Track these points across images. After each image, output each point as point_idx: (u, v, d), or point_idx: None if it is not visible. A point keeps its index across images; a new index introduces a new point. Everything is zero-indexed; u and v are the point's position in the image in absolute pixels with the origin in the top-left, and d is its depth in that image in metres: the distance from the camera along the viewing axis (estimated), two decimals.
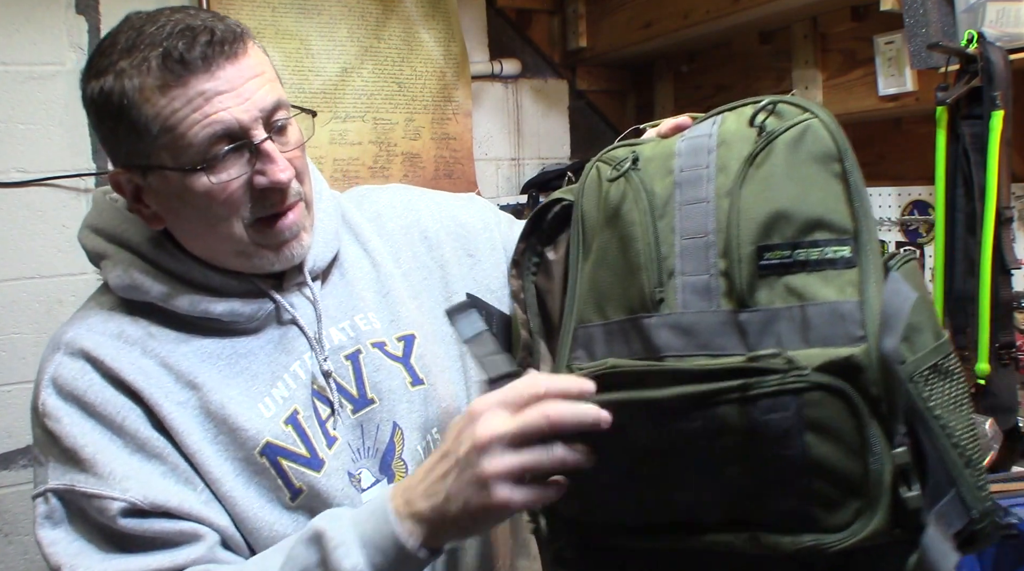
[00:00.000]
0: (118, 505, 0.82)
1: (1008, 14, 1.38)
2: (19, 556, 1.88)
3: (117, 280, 0.91)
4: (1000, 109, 1.34)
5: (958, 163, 1.43)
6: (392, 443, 0.98)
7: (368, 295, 1.02)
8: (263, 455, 0.89)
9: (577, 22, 2.37)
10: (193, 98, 0.81)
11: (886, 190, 1.96)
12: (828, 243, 0.70)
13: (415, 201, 1.12)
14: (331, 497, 0.91)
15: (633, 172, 0.81)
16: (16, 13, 1.81)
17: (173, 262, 0.91)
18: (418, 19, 2.16)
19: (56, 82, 1.85)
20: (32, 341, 1.86)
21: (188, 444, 0.87)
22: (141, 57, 0.81)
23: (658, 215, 0.78)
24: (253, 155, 0.85)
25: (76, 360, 0.88)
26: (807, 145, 0.73)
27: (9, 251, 1.84)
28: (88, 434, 0.85)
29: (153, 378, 0.87)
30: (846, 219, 0.71)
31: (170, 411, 0.87)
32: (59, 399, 0.86)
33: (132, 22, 0.85)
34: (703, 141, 0.79)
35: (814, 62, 1.94)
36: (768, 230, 0.72)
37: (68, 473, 0.85)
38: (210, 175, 0.83)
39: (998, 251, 1.36)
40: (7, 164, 1.82)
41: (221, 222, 0.87)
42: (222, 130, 0.82)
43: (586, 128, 2.55)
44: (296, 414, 0.92)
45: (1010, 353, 1.38)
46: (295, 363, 0.94)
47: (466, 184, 2.25)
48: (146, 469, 0.85)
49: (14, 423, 1.86)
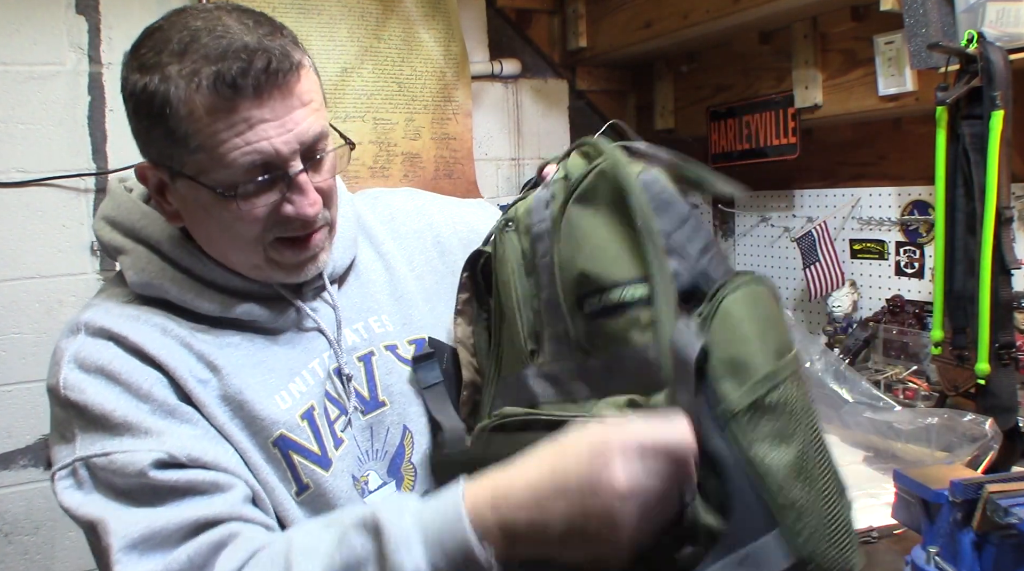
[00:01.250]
0: (153, 455, 0.80)
1: (1008, 14, 1.38)
2: (19, 556, 1.88)
3: (135, 277, 0.90)
4: (1000, 109, 1.34)
5: (958, 163, 1.42)
6: (402, 446, 0.98)
7: (382, 298, 1.03)
8: (276, 446, 0.89)
9: (577, 22, 2.37)
10: (237, 123, 0.80)
11: (886, 190, 1.96)
12: (626, 284, 0.74)
13: (428, 206, 1.13)
14: (335, 498, 0.91)
15: (506, 233, 0.86)
16: (16, 13, 1.81)
17: (193, 261, 0.91)
18: (418, 19, 2.16)
19: (56, 82, 1.85)
20: (32, 341, 1.86)
21: (215, 419, 0.87)
22: (192, 69, 0.78)
23: (527, 271, 0.84)
24: (285, 184, 0.85)
25: (98, 339, 0.87)
26: (599, 195, 0.76)
27: (9, 251, 1.84)
28: (116, 400, 0.83)
29: (176, 355, 0.87)
30: (634, 266, 0.74)
31: (196, 388, 0.86)
32: (81, 372, 0.85)
33: (187, 19, 0.82)
34: (543, 194, 0.84)
35: (814, 62, 1.94)
36: (580, 283, 0.77)
37: (99, 440, 0.83)
38: (240, 203, 0.83)
39: (998, 251, 1.36)
40: (7, 164, 1.82)
41: (240, 239, 0.87)
42: (260, 160, 0.82)
43: (586, 128, 2.55)
44: (312, 410, 0.92)
45: (1010, 353, 1.38)
46: (314, 360, 0.95)
47: (466, 184, 2.25)
48: (179, 430, 0.84)
49: (14, 423, 1.86)
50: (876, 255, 1.99)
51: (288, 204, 0.85)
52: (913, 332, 1.79)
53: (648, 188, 0.76)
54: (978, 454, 1.32)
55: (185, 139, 0.81)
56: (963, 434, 1.37)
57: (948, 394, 1.55)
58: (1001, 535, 0.86)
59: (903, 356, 1.79)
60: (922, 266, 1.89)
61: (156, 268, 0.90)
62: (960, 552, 0.88)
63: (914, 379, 1.73)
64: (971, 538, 0.88)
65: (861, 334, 1.87)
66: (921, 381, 1.72)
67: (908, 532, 1.12)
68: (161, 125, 0.81)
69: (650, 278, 0.73)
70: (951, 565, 0.89)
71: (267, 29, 0.83)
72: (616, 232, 0.75)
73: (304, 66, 0.84)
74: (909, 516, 0.97)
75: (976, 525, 0.87)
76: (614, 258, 0.75)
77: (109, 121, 1.91)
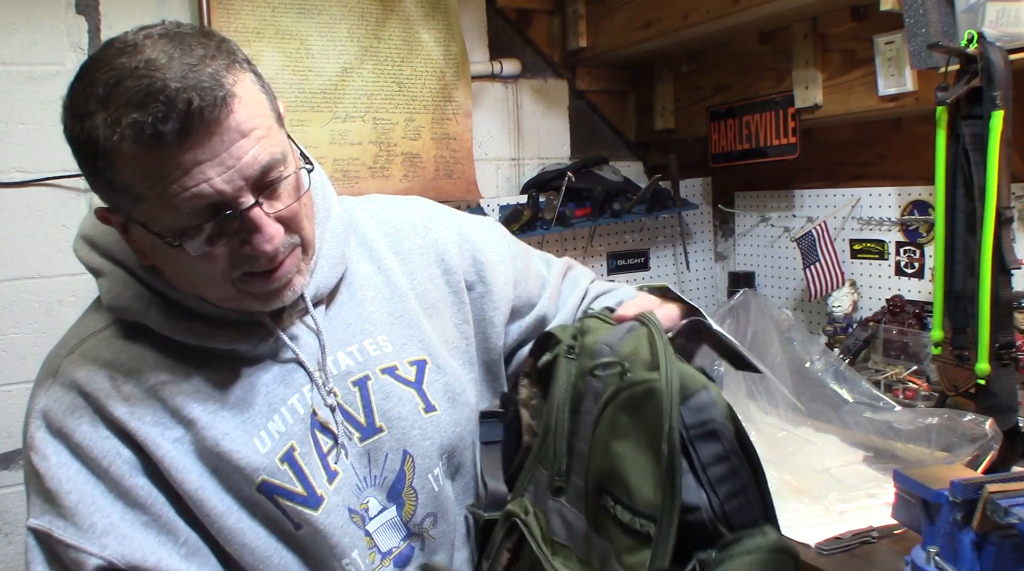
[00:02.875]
0: (94, 562, 0.81)
1: (1008, 14, 1.38)
2: (19, 556, 1.88)
3: (111, 301, 0.88)
4: (1000, 109, 1.34)
5: (958, 163, 1.42)
6: (402, 471, 0.95)
7: (379, 317, 0.98)
8: (260, 491, 0.87)
9: (577, 22, 2.37)
10: (171, 170, 0.75)
11: (886, 190, 1.96)
12: (640, 514, 0.71)
13: (435, 221, 1.08)
14: (330, 535, 0.89)
15: (567, 359, 0.84)
16: (16, 13, 1.81)
17: (170, 289, 0.87)
18: (418, 19, 2.16)
19: (56, 82, 1.85)
20: (32, 341, 1.86)
21: (188, 482, 0.84)
22: (115, 117, 0.74)
23: (572, 409, 0.83)
24: (238, 222, 0.79)
25: (68, 392, 0.86)
26: (645, 414, 0.73)
27: (9, 251, 1.84)
28: (73, 478, 0.83)
29: (148, 416, 0.84)
30: (656, 501, 0.70)
31: (166, 451, 0.84)
32: (47, 434, 0.85)
33: (112, 57, 0.77)
34: (606, 351, 0.81)
35: (814, 62, 1.94)
36: (607, 476, 0.76)
37: (47, 515, 0.84)
38: (190, 246, 0.78)
39: (998, 251, 1.36)
40: (7, 164, 1.82)
41: (207, 278, 0.83)
42: (203, 203, 0.77)
43: (586, 128, 2.55)
44: (292, 451, 0.89)
45: (1010, 353, 1.38)
46: (293, 396, 0.91)
47: (466, 184, 2.25)
48: (127, 519, 0.83)
49: (14, 423, 1.86)
50: (876, 255, 1.99)
51: (245, 244, 0.80)
52: (913, 332, 1.79)
53: (698, 414, 0.71)
54: (978, 454, 1.32)
55: (125, 189, 0.77)
56: (963, 434, 1.37)
57: (948, 394, 1.55)
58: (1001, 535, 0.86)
59: (903, 356, 1.79)
60: (922, 266, 1.89)
61: (133, 293, 0.87)
62: (960, 552, 0.88)
63: (914, 379, 1.73)
64: (971, 538, 0.88)
65: (861, 334, 1.87)
66: (921, 381, 1.72)
67: (908, 532, 1.12)
68: (100, 175, 0.78)
69: (663, 516, 0.70)
70: (951, 565, 0.89)
71: (196, 57, 0.76)
72: (649, 452, 0.73)
73: (236, 95, 0.76)
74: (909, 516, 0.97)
75: (976, 525, 0.87)
76: (640, 478, 0.72)
77: None
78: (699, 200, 2.51)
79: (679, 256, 2.51)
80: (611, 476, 0.74)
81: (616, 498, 0.74)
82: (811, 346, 1.77)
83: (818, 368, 1.71)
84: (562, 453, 0.81)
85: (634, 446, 0.73)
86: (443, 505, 0.98)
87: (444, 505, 0.98)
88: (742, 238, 2.42)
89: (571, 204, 2.23)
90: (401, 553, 0.96)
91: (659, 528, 0.69)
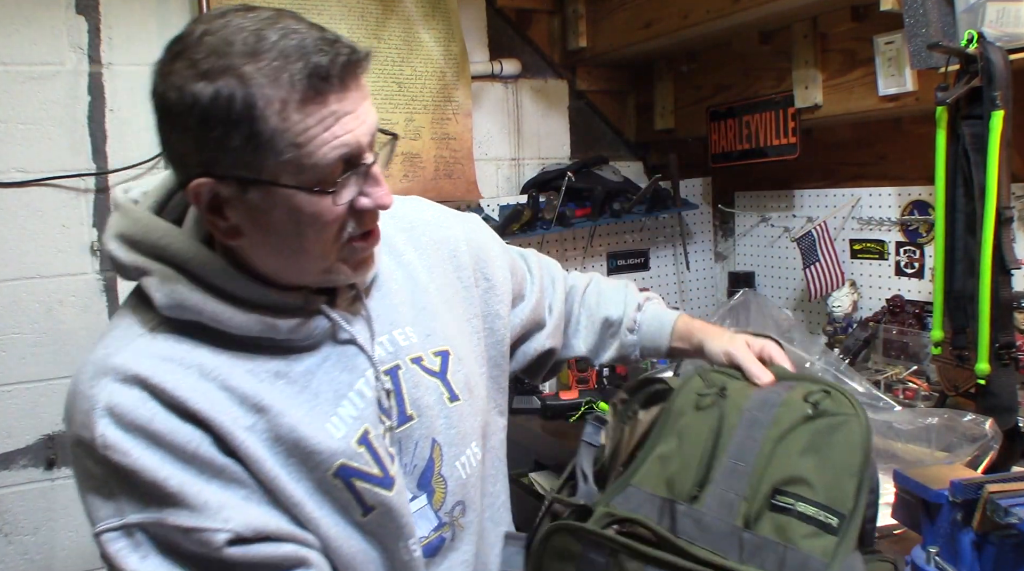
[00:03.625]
0: (223, 536, 0.79)
1: (1008, 14, 1.38)
2: (19, 556, 1.88)
3: (165, 299, 0.84)
4: (1000, 109, 1.34)
5: (958, 163, 1.42)
6: (431, 459, 0.97)
7: (404, 309, 1.01)
8: (337, 477, 0.87)
9: (577, 22, 2.37)
10: (326, 117, 0.78)
11: (886, 190, 1.96)
12: (826, 510, 0.87)
13: (442, 218, 1.13)
14: (400, 515, 0.91)
15: (720, 399, 1.00)
16: (16, 13, 1.81)
17: (225, 279, 0.86)
18: (418, 19, 2.16)
19: (56, 82, 1.85)
20: (32, 341, 1.86)
21: (264, 470, 0.84)
22: (275, 66, 0.76)
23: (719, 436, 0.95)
24: (361, 176, 0.83)
25: (131, 388, 0.81)
26: (841, 437, 0.91)
27: (9, 251, 1.84)
28: (166, 466, 0.80)
29: (218, 404, 0.83)
30: (847, 503, 0.87)
31: (242, 439, 0.83)
32: (120, 430, 0.79)
33: (237, 21, 0.78)
34: (773, 397, 0.98)
35: (814, 62, 1.94)
36: (789, 481, 0.89)
37: (151, 506, 0.80)
38: (335, 198, 0.81)
39: (998, 251, 1.36)
40: (7, 164, 1.82)
41: (318, 241, 0.84)
42: (347, 152, 0.80)
43: (586, 128, 2.55)
44: (367, 434, 0.90)
45: (1010, 353, 1.38)
46: (359, 381, 0.92)
47: (466, 184, 2.25)
48: (230, 493, 0.82)
49: (14, 423, 1.86)
50: (876, 255, 1.99)
51: (364, 197, 0.84)
52: (913, 332, 1.79)
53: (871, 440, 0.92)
54: (978, 454, 1.32)
55: (272, 140, 0.77)
56: (963, 434, 1.37)
57: (948, 394, 1.55)
58: (1001, 535, 0.86)
59: (903, 356, 1.79)
60: (922, 266, 1.89)
61: (186, 288, 0.85)
62: (960, 552, 0.88)
63: (914, 379, 1.73)
64: (971, 538, 0.88)
65: (861, 334, 1.87)
66: (921, 381, 1.72)
67: (908, 532, 1.12)
68: (240, 130, 0.77)
69: (851, 515, 0.86)
70: (951, 565, 0.89)
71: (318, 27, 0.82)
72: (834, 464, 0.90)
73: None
74: (909, 516, 0.97)
75: (976, 525, 0.87)
76: (829, 482, 0.88)
77: (109, 121, 1.91)
78: (699, 200, 2.51)
79: (679, 256, 2.51)
80: (794, 481, 0.89)
81: (799, 496, 0.88)
82: (811, 346, 1.77)
83: (818, 368, 1.70)
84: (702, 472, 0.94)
85: (822, 460, 0.90)
86: (470, 494, 1.01)
87: (471, 494, 1.01)
88: (742, 238, 2.42)
89: (571, 204, 2.23)
90: (431, 543, 0.97)
91: (847, 520, 0.86)
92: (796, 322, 1.87)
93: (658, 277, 2.51)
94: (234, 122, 0.76)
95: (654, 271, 2.50)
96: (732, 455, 0.94)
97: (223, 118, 0.76)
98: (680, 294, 2.54)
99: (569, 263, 2.34)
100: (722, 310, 1.93)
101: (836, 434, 0.92)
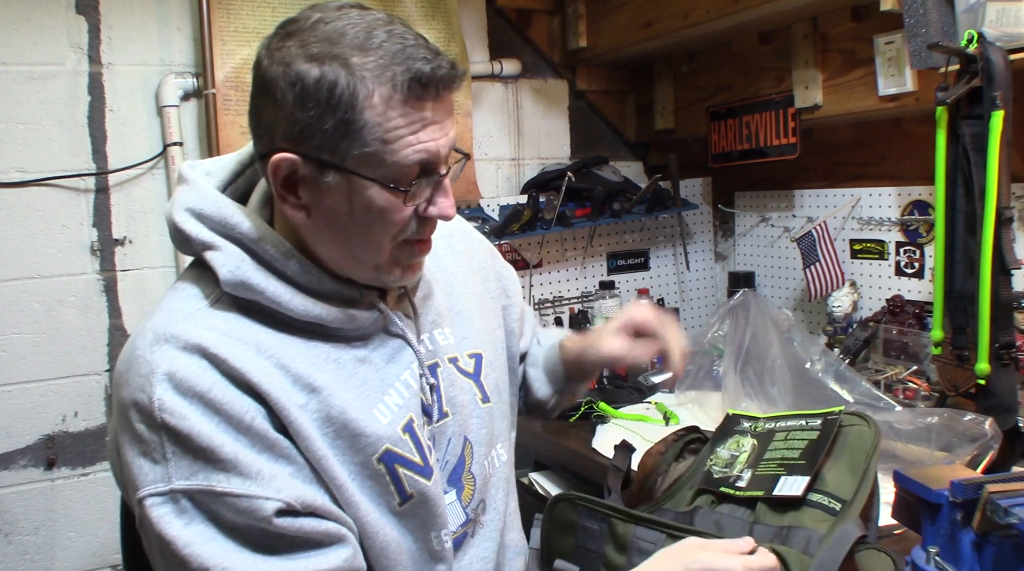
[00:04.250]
0: (273, 505, 0.80)
1: (1008, 14, 1.38)
2: (19, 556, 1.88)
3: (229, 276, 0.86)
4: (1000, 109, 1.34)
5: (958, 163, 1.42)
6: (463, 456, 1.01)
7: (443, 311, 1.05)
8: (381, 461, 0.89)
9: (577, 22, 2.37)
10: (415, 121, 0.83)
11: (886, 190, 1.96)
12: (834, 497, 0.98)
13: (471, 232, 1.20)
14: (436, 505, 0.94)
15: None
16: (16, 13, 1.81)
17: (286, 263, 0.88)
18: (418, 19, 2.16)
19: (56, 82, 1.85)
20: (32, 341, 1.86)
21: (313, 449, 0.85)
22: (381, 63, 0.80)
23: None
24: (432, 186, 0.87)
25: (192, 356, 0.82)
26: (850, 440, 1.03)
27: (9, 251, 1.84)
28: (221, 433, 0.81)
29: (275, 381, 0.85)
30: (850, 493, 0.98)
31: (295, 416, 0.85)
32: (179, 395, 0.81)
33: (352, 14, 0.83)
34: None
35: (814, 62, 1.94)
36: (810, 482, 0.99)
37: (201, 472, 0.80)
38: (408, 201, 0.85)
39: (998, 251, 1.36)
40: (7, 164, 1.82)
41: (379, 238, 0.87)
42: (427, 158, 0.84)
43: (586, 128, 2.55)
44: (412, 422, 0.93)
45: (1010, 353, 1.38)
46: (405, 372, 0.95)
47: (466, 184, 2.25)
48: (279, 467, 0.83)
49: (14, 423, 1.86)
50: (876, 255, 1.99)
51: (431, 206, 0.88)
52: (913, 332, 1.79)
53: None
54: (978, 454, 1.32)
55: (362, 131, 0.81)
56: (963, 434, 1.37)
57: (948, 394, 1.55)
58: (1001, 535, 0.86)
59: (903, 356, 1.79)
60: (922, 266, 1.89)
61: (251, 267, 0.87)
62: (960, 552, 0.88)
63: (914, 379, 1.73)
64: (971, 538, 0.88)
65: (861, 334, 1.87)
66: (921, 381, 1.72)
67: (908, 532, 1.12)
68: (336, 115, 0.80)
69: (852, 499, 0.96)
70: (951, 565, 0.89)
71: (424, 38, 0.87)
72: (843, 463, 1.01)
73: None
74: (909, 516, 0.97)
75: (976, 525, 0.87)
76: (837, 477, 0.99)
77: (109, 121, 1.91)
78: (699, 200, 2.51)
79: (679, 256, 2.51)
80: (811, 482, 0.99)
81: (814, 489, 0.98)
82: (811, 346, 1.77)
83: (818, 368, 1.71)
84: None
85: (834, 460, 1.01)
86: (491, 493, 1.04)
87: (492, 493, 1.04)
88: (742, 238, 2.42)
89: (571, 204, 2.23)
90: (457, 538, 0.99)
91: (848, 504, 0.97)
92: (796, 322, 1.87)
93: (658, 277, 2.51)
94: (332, 107, 0.80)
95: (654, 271, 2.50)
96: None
97: (322, 100, 0.80)
98: (680, 294, 2.54)
99: (569, 263, 2.34)
100: (722, 310, 1.93)
101: (849, 435, 1.02)
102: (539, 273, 2.30)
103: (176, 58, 1.98)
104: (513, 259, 2.26)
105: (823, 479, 0.99)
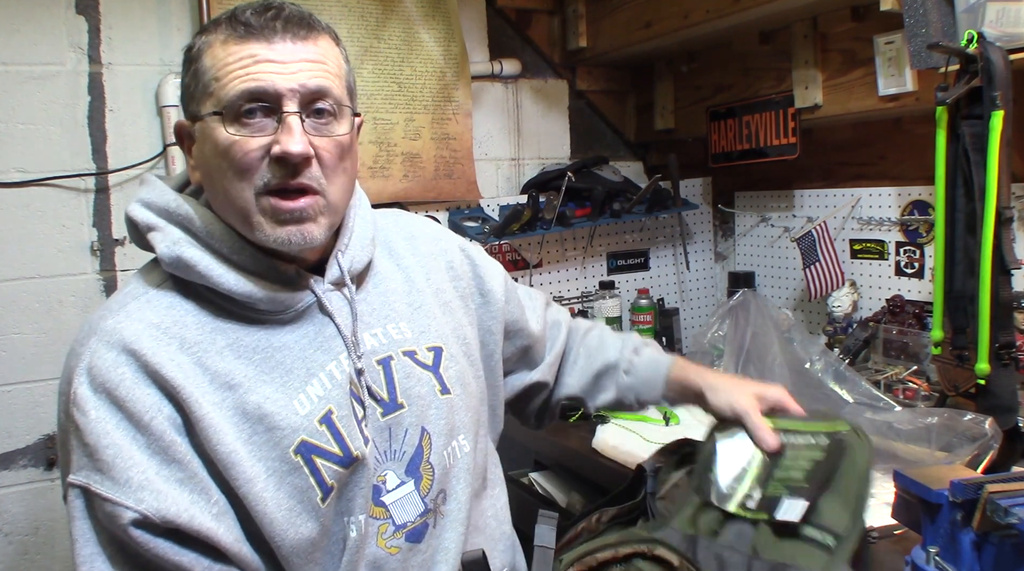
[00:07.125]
0: (130, 515, 0.82)
1: (1008, 14, 1.38)
2: (19, 556, 1.88)
3: (167, 251, 0.92)
4: (1000, 109, 1.34)
5: (958, 163, 1.42)
6: (420, 447, 1.01)
7: (400, 307, 1.06)
8: (297, 453, 0.90)
9: (577, 22, 2.37)
10: (244, 58, 0.88)
11: (886, 190, 1.96)
12: (829, 532, 0.95)
13: (442, 233, 1.21)
14: (356, 495, 0.94)
15: None
16: (16, 13, 1.81)
17: (221, 241, 0.93)
18: (418, 19, 2.16)
19: (56, 82, 1.85)
20: (32, 341, 1.86)
21: (223, 443, 0.87)
22: (217, 20, 0.92)
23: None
24: (276, 120, 0.89)
25: (111, 350, 0.87)
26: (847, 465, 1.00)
27: (9, 251, 1.84)
28: (111, 433, 0.84)
29: (190, 377, 0.88)
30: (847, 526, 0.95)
31: (205, 411, 0.87)
32: (90, 390, 0.86)
33: None
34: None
35: (814, 62, 1.95)
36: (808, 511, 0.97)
37: (85, 469, 0.85)
38: (227, 125, 0.88)
39: (998, 251, 1.36)
40: (7, 164, 1.82)
41: (236, 181, 0.90)
42: (256, 88, 0.88)
43: (586, 128, 2.55)
44: (331, 413, 0.93)
45: (1010, 353, 1.38)
46: (331, 363, 0.96)
47: (466, 184, 2.25)
48: (163, 474, 0.85)
49: (14, 423, 1.86)
50: (876, 255, 1.99)
51: (276, 144, 0.89)
52: (913, 332, 1.79)
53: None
54: (978, 454, 1.32)
55: (202, 74, 0.91)
56: (963, 434, 1.37)
57: (948, 394, 1.55)
58: (1001, 535, 0.86)
59: (903, 356, 1.79)
60: (922, 266, 1.89)
61: (186, 244, 0.92)
62: (960, 552, 0.88)
63: (914, 379, 1.73)
64: (971, 538, 0.88)
65: (861, 334, 1.87)
66: (921, 381, 1.72)
67: (908, 532, 1.12)
68: (190, 70, 0.93)
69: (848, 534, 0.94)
70: (951, 565, 0.89)
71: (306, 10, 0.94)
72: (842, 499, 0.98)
73: (324, 35, 0.94)
74: (909, 516, 0.97)
75: (976, 525, 0.87)
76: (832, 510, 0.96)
77: (109, 121, 1.91)
78: (699, 200, 2.51)
79: (679, 256, 2.51)
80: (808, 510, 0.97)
81: (809, 522, 0.96)
82: (811, 346, 1.77)
83: (818, 368, 1.71)
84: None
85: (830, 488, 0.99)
86: (452, 484, 1.04)
87: (453, 485, 1.04)
88: (742, 238, 2.42)
89: (571, 204, 2.23)
90: (415, 528, 1.00)
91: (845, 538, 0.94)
92: (796, 322, 1.87)
93: (658, 277, 2.51)
94: (188, 64, 0.94)
95: (654, 271, 2.50)
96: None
97: (186, 62, 0.94)
98: (680, 294, 2.54)
99: (569, 263, 2.34)
100: (722, 310, 1.93)
101: (842, 461, 1.01)
102: (539, 273, 2.30)
103: (176, 58, 1.97)
104: (513, 259, 2.26)
105: (818, 509, 0.97)
